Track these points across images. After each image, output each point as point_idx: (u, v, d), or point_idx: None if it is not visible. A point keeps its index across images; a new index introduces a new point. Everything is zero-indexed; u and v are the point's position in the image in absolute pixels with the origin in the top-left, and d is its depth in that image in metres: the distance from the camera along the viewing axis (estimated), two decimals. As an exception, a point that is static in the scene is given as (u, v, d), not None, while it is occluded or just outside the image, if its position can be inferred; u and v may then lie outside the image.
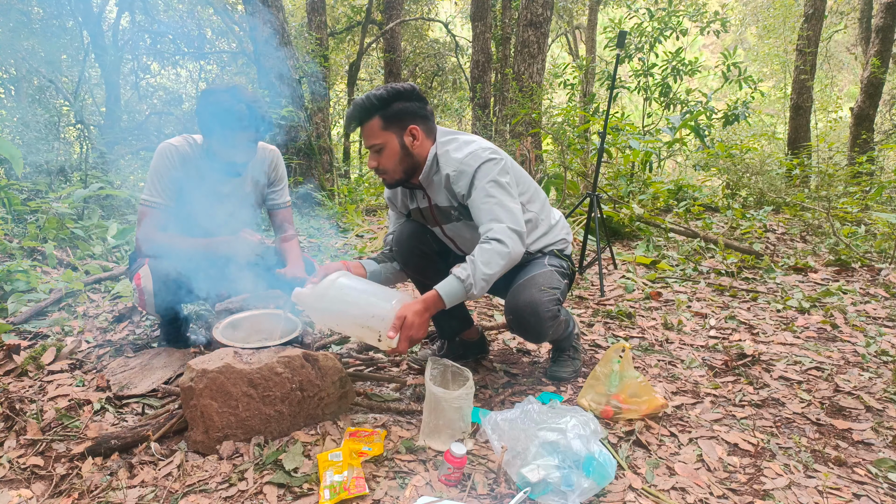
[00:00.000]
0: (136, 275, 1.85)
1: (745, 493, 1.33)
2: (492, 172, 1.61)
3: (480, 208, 1.60)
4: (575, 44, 16.15)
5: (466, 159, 1.62)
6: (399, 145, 1.65)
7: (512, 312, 1.70)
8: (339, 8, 11.82)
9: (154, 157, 1.88)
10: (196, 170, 1.92)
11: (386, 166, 1.68)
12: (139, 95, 10.09)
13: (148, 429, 1.47)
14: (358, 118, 1.65)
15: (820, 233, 4.56)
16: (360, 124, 1.66)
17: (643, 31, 7.60)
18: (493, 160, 1.63)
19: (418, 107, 1.66)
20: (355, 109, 1.64)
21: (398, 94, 1.62)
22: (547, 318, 1.68)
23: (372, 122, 1.63)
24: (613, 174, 5.79)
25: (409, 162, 1.68)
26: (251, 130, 1.81)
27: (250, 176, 2.05)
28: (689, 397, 1.83)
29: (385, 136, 1.64)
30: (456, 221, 1.77)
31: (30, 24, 7.86)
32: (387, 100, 1.61)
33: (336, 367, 1.59)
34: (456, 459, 1.30)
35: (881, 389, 1.88)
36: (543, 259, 1.81)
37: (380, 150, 1.66)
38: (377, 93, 1.62)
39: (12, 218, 3.74)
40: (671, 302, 2.88)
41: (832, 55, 13.68)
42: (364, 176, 9.48)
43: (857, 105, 7.87)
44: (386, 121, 1.63)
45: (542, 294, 1.68)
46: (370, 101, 1.61)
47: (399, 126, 1.64)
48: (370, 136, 1.65)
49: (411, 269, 1.88)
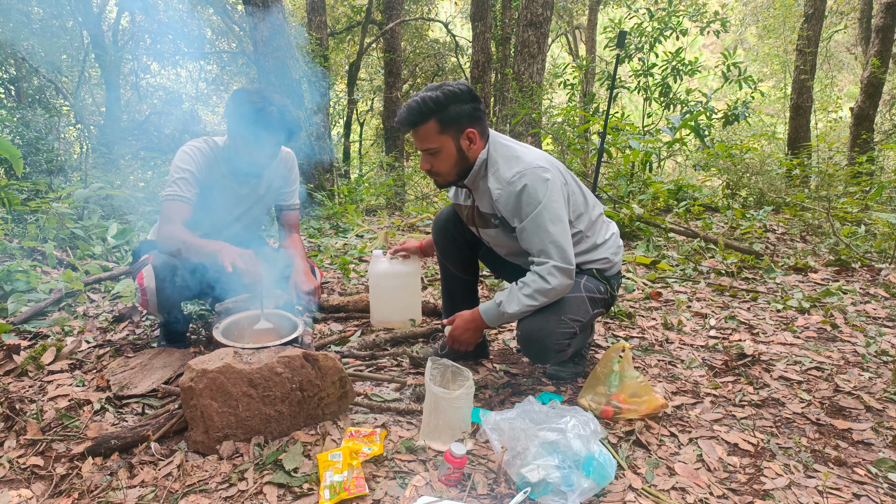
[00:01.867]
0: (139, 273, 1.85)
1: (745, 493, 1.33)
2: (541, 196, 1.55)
3: (531, 240, 1.60)
4: (575, 44, 16.15)
5: (514, 179, 1.57)
6: (455, 149, 1.61)
7: (522, 331, 1.70)
8: (339, 8, 11.82)
9: (177, 155, 1.88)
10: (218, 171, 1.94)
11: (440, 169, 1.64)
12: (139, 95, 10.10)
13: (148, 429, 1.47)
14: (412, 121, 1.58)
15: (820, 233, 4.56)
16: (413, 127, 1.60)
17: (643, 31, 7.60)
18: (543, 181, 1.56)
19: (473, 108, 1.60)
20: (410, 113, 1.57)
21: (455, 97, 1.56)
22: (553, 351, 1.68)
23: (427, 125, 1.57)
24: (613, 174, 5.79)
25: (463, 164, 1.64)
26: (280, 133, 1.82)
27: (267, 177, 2.06)
28: (689, 397, 1.83)
29: (442, 140, 1.59)
30: (494, 228, 1.75)
31: (30, 24, 7.86)
32: (443, 103, 1.55)
33: (336, 367, 1.59)
34: (456, 459, 1.30)
35: (881, 389, 1.88)
36: (581, 279, 1.74)
37: (435, 154, 1.61)
38: (432, 95, 1.55)
39: (12, 218, 3.74)
40: (671, 302, 2.88)
41: (832, 55, 13.67)
42: (364, 176, 9.49)
43: (857, 105, 7.87)
44: (443, 124, 1.57)
45: (559, 325, 1.64)
46: (426, 105, 1.55)
47: (456, 129, 1.59)
48: (425, 140, 1.59)
49: (440, 249, 1.97)
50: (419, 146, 1.62)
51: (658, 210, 5.34)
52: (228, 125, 1.85)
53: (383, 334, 2.28)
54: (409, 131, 1.62)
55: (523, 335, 1.69)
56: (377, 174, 10.03)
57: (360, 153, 15.24)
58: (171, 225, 1.82)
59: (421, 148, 1.62)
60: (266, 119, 1.76)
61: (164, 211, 1.85)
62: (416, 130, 1.60)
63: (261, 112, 1.75)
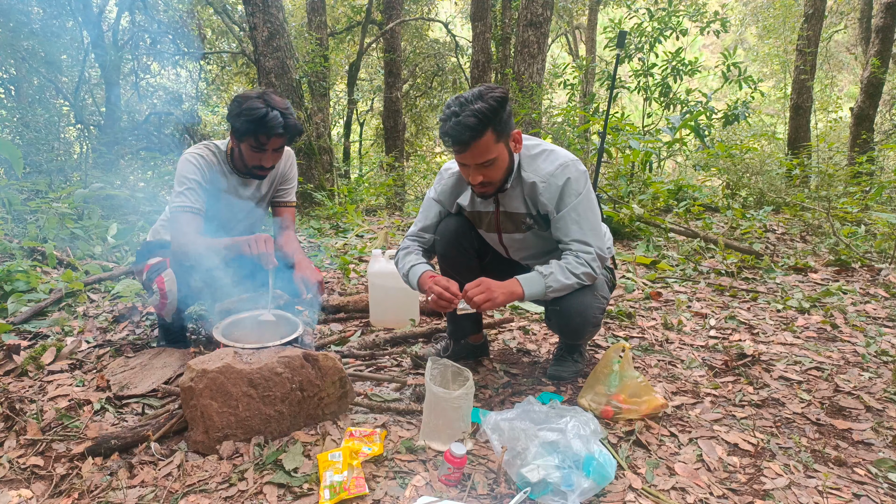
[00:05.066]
0: (158, 277, 1.86)
1: (745, 493, 1.33)
2: (581, 188, 1.61)
3: (569, 228, 1.62)
4: (575, 44, 16.15)
5: (557, 171, 1.60)
6: (508, 154, 1.59)
7: (563, 306, 1.70)
8: (339, 8, 11.82)
9: (180, 164, 1.89)
10: (221, 174, 1.95)
11: (494, 178, 1.58)
12: (139, 95, 10.10)
13: (148, 429, 1.47)
14: (473, 137, 1.47)
15: (820, 233, 4.56)
16: (472, 143, 1.48)
17: (643, 31, 7.60)
18: (582, 173, 1.62)
19: (511, 109, 1.56)
20: (468, 129, 1.45)
21: (502, 102, 1.49)
22: (591, 325, 1.74)
23: (486, 137, 1.49)
24: (613, 174, 5.79)
25: (511, 168, 1.63)
26: (282, 136, 1.83)
27: (269, 176, 2.08)
28: (689, 397, 1.83)
29: (498, 149, 1.53)
30: (521, 232, 1.74)
31: (30, 24, 7.86)
32: (497, 110, 1.48)
33: (336, 367, 1.59)
34: (456, 459, 1.30)
35: (881, 389, 1.88)
36: None
37: (491, 164, 1.54)
38: (485, 106, 1.45)
39: (12, 218, 3.74)
40: (671, 302, 2.88)
41: (832, 55, 13.67)
42: (364, 176, 9.49)
43: (857, 105, 7.87)
44: (497, 133, 1.51)
45: (595, 300, 1.71)
46: (483, 115, 1.45)
47: (507, 134, 1.56)
48: (485, 153, 1.51)
49: (449, 262, 1.86)
50: (475, 161, 1.52)
51: (658, 210, 5.34)
52: (231, 129, 1.85)
53: (383, 334, 2.28)
54: (464, 150, 1.51)
55: (565, 310, 1.71)
56: (377, 174, 10.04)
57: (360, 153, 15.24)
58: (185, 237, 1.83)
59: (478, 162, 1.52)
60: (269, 122, 1.76)
61: (176, 222, 1.85)
62: (474, 146, 1.50)
63: (263, 116, 1.76)
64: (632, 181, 5.75)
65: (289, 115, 1.81)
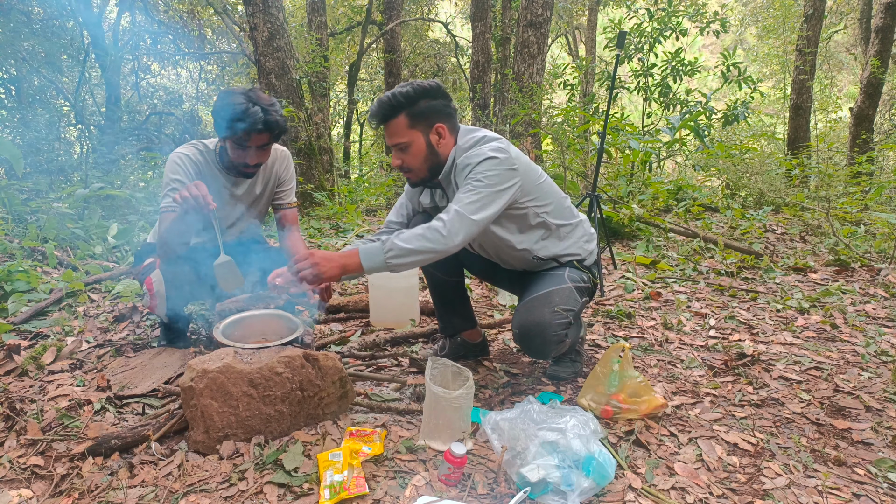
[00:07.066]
0: (147, 279, 1.86)
1: (745, 493, 1.34)
2: (488, 170, 1.56)
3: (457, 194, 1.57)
4: (575, 44, 16.15)
5: (470, 153, 1.62)
6: (425, 144, 1.64)
7: (519, 328, 1.71)
8: (339, 8, 11.82)
9: (167, 164, 1.89)
10: (210, 174, 1.94)
11: (411, 165, 1.67)
12: (139, 95, 10.10)
13: (148, 429, 1.47)
14: (382, 115, 1.62)
15: (819, 233, 4.57)
16: (383, 122, 1.63)
17: (643, 32, 7.60)
18: (494, 159, 1.57)
19: (444, 104, 1.64)
20: (381, 107, 1.62)
21: (424, 92, 1.60)
22: (553, 342, 1.69)
23: (398, 119, 1.61)
24: (613, 174, 5.80)
25: (434, 160, 1.67)
26: (266, 133, 1.82)
27: (262, 177, 2.07)
28: (689, 397, 1.83)
29: (411, 135, 1.62)
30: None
31: (30, 24, 7.86)
32: (413, 98, 1.59)
33: (336, 367, 1.59)
34: (456, 459, 1.30)
35: (881, 389, 1.88)
36: (563, 271, 1.77)
37: (405, 149, 1.64)
38: (403, 90, 1.60)
39: (12, 218, 3.74)
40: (671, 302, 2.89)
41: (832, 55, 13.67)
42: (364, 176, 9.49)
43: (857, 105, 7.87)
44: (412, 119, 1.61)
45: (554, 316, 1.67)
46: (396, 99, 1.59)
47: (425, 124, 1.62)
48: (395, 135, 1.62)
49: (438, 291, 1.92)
50: (390, 141, 1.65)
51: (658, 210, 5.34)
52: (215, 125, 1.85)
53: (383, 334, 2.28)
54: (380, 126, 1.66)
55: (521, 331, 1.70)
56: (377, 174, 10.03)
57: (360, 153, 15.25)
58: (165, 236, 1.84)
59: (391, 143, 1.64)
60: (251, 119, 1.76)
61: (161, 223, 1.87)
62: (386, 126, 1.64)
63: (245, 112, 1.75)
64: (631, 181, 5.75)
65: (271, 112, 1.80)
